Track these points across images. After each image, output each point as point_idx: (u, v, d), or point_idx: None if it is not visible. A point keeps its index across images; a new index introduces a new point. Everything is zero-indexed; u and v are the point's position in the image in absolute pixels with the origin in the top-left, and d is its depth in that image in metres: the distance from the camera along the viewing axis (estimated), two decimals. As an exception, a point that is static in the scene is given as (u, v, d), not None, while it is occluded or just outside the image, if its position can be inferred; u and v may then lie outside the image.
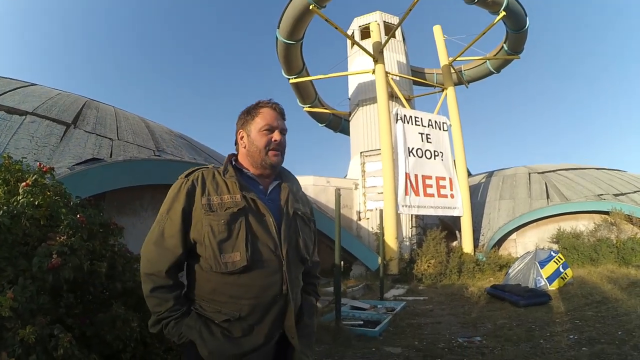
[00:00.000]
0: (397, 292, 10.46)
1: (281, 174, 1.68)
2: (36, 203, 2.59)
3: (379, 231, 11.77)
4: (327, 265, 13.66)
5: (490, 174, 19.22)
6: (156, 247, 1.45)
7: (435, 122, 14.84)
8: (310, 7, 13.48)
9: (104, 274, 2.57)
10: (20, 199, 2.58)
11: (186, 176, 1.55)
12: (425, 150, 14.09)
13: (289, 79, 17.86)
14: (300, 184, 1.77)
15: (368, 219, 15.43)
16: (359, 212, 15.70)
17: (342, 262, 7.21)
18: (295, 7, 14.17)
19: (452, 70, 17.65)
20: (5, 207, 2.49)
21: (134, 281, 2.70)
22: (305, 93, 19.57)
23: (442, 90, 16.67)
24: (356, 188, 16.22)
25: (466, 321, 6.64)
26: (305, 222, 1.64)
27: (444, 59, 17.06)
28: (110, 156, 6.58)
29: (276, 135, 1.56)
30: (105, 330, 2.34)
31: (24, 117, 6.93)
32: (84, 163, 5.79)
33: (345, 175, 18.14)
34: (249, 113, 1.61)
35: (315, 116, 21.85)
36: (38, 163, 3.06)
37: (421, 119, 14.40)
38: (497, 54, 18.50)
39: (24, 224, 2.49)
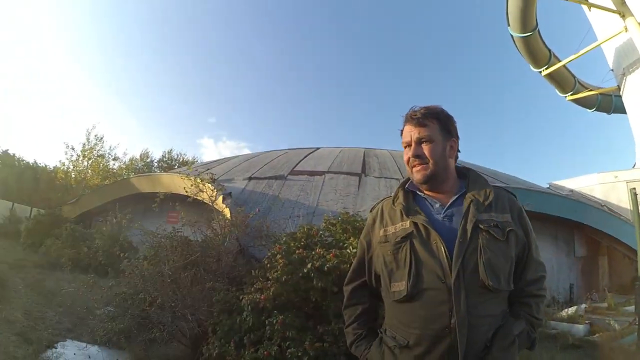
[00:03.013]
0: None
1: (469, 182, 1.52)
2: None
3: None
4: (627, 279, 11.41)
5: None
6: (351, 268, 1.71)
7: None
8: (532, -11, 12.58)
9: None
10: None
11: (370, 211, 1.68)
12: None
13: (540, 72, 16.67)
14: (584, 185, 1.44)
15: (673, 211, 12.11)
16: (660, 207, 12.52)
17: (646, 274, 6.13)
18: (515, -4, 13.43)
19: None
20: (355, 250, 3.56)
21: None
22: (562, 81, 17.67)
23: None
24: (651, 177, 13.13)
25: None
26: (495, 236, 1.36)
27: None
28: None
29: (410, 151, 1.49)
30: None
31: (323, 176, 9.09)
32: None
33: (634, 165, 14.97)
34: (401, 132, 1.58)
35: (582, 102, 19.16)
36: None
37: None
38: None
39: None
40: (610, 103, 19.01)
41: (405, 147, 1.52)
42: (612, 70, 16.34)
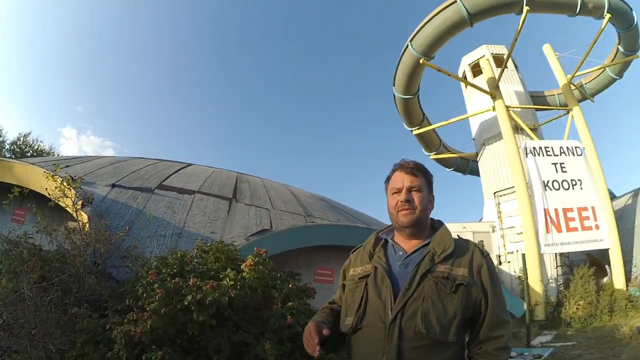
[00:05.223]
0: (544, 338, 10.02)
1: (436, 235, 1.57)
2: (257, 277, 3.61)
3: (522, 275, 11.29)
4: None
5: (637, 193, 15.96)
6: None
7: (568, 148, 13.90)
8: (421, 61, 14.17)
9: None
10: (246, 276, 3.63)
11: (352, 252, 1.76)
12: (562, 181, 13.25)
13: (411, 130, 18.43)
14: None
15: (509, 262, 14.66)
16: (499, 256, 14.98)
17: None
18: (406, 64, 15.05)
19: (573, 87, 16.60)
20: (233, 282, 3.47)
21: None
22: (429, 141, 19.90)
23: (568, 112, 15.56)
24: (493, 231, 15.68)
25: (614, 364, 6.26)
26: (442, 288, 1.40)
27: (561, 78, 16.10)
28: (271, 225, 7.70)
29: (402, 196, 1.55)
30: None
31: (193, 195, 8.57)
32: (257, 234, 6.95)
33: (481, 219, 17.58)
34: (387, 179, 1.67)
35: (442, 162, 21.86)
36: (255, 248, 4.21)
37: (552, 148, 13.71)
38: (614, 58, 17.01)
39: (247, 293, 3.53)
40: (467, 166, 22.03)
41: (394, 193, 1.59)
42: (474, 139, 19.02)
